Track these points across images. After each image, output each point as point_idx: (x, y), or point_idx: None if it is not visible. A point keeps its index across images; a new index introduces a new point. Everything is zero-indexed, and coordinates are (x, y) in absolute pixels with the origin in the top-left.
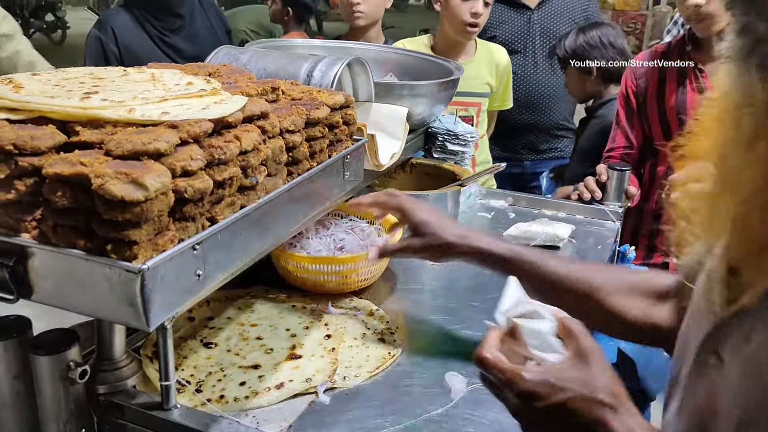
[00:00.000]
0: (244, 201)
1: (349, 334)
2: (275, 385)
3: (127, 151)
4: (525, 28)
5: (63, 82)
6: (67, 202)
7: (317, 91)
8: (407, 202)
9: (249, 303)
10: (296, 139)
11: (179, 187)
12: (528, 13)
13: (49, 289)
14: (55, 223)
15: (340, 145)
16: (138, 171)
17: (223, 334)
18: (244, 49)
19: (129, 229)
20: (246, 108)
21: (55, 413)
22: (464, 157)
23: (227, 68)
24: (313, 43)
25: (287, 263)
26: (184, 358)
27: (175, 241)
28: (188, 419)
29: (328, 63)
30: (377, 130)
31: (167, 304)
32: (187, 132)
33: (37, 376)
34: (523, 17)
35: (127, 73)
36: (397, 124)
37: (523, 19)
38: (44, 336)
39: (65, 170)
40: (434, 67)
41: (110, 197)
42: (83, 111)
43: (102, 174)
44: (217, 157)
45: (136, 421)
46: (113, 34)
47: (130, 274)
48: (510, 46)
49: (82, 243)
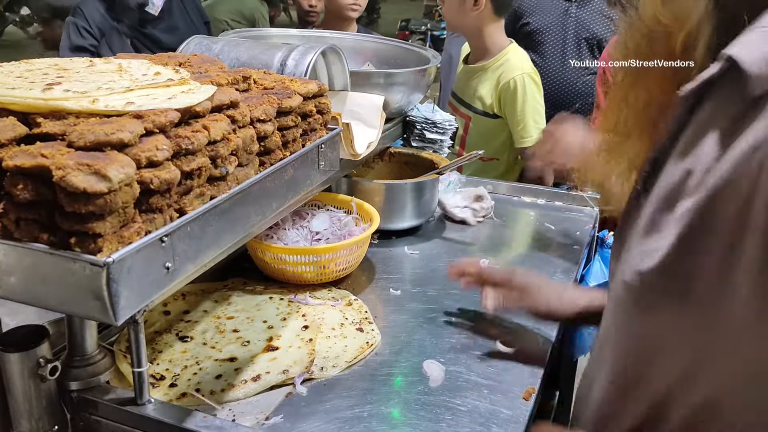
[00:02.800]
0: (215, 192)
1: (327, 325)
2: (252, 378)
3: (89, 142)
4: (560, 20)
5: (26, 74)
6: (29, 195)
7: (290, 80)
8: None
9: (226, 295)
10: (268, 129)
11: (144, 178)
12: (566, 5)
13: (13, 285)
14: (17, 217)
15: (314, 134)
16: (101, 162)
17: (199, 328)
18: (217, 39)
19: (93, 221)
20: (215, 97)
21: (27, 411)
22: (443, 146)
23: (198, 58)
24: (290, 32)
25: (264, 254)
26: (159, 353)
27: (141, 233)
28: (162, 414)
29: (302, 52)
30: (353, 119)
31: (135, 298)
32: (152, 122)
33: (6, 374)
34: (561, 7)
35: (93, 64)
36: (373, 112)
37: (560, 10)
38: (13, 332)
39: (26, 162)
40: (411, 55)
41: (72, 189)
42: (45, 102)
43: (63, 166)
44: (184, 148)
45: (110, 416)
46: (88, 22)
47: (95, 268)
48: (540, 36)
49: (45, 237)
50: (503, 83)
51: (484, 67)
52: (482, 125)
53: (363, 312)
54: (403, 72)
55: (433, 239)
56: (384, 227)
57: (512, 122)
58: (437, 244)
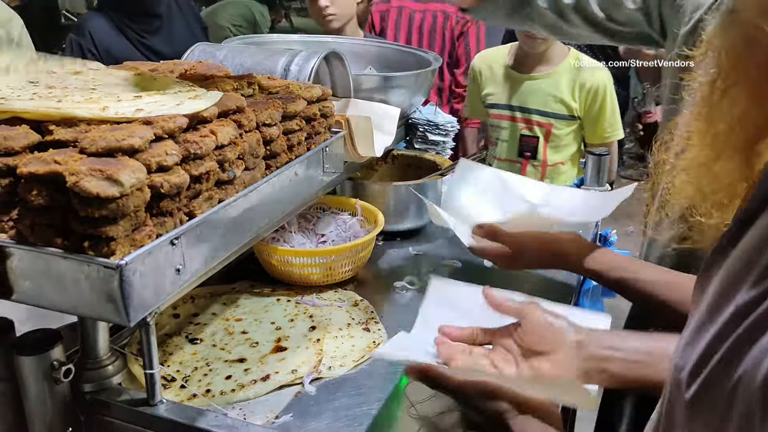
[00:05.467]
0: (223, 195)
1: (334, 325)
2: (261, 378)
3: (101, 148)
4: None
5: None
6: (43, 200)
7: (294, 85)
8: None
9: (234, 298)
10: (273, 132)
11: (155, 182)
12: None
13: (28, 289)
14: (32, 222)
15: (318, 137)
16: (113, 167)
17: (208, 330)
18: (221, 46)
19: (106, 225)
20: (221, 103)
21: (41, 413)
22: (445, 147)
23: (203, 65)
24: (291, 38)
25: (271, 257)
26: (170, 355)
27: (152, 236)
28: (175, 414)
29: (305, 57)
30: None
31: (148, 299)
32: (161, 128)
33: (21, 377)
34: None
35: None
36: (389, 121)
37: None
38: (27, 336)
39: (40, 169)
40: (412, 58)
41: (85, 194)
42: (57, 110)
43: (76, 171)
44: (192, 152)
45: (123, 417)
46: (92, 39)
47: (108, 271)
48: None
49: (59, 241)
50: (589, 84)
51: (555, 72)
52: (562, 130)
53: (369, 312)
54: (404, 75)
55: (437, 240)
56: (388, 228)
57: (600, 119)
58: (441, 245)
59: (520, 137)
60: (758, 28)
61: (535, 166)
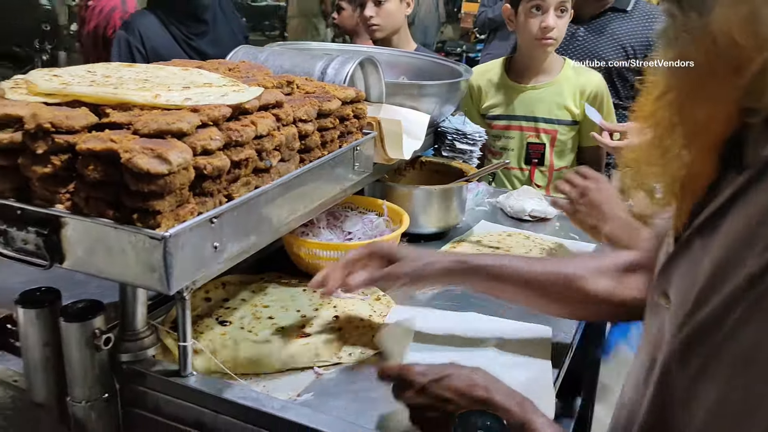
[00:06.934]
0: (259, 182)
1: (357, 316)
2: (285, 359)
3: (152, 130)
4: (567, 44)
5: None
6: (98, 175)
7: (330, 87)
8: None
9: (262, 287)
10: (308, 128)
11: (199, 164)
12: (574, 28)
13: (80, 256)
14: (87, 195)
15: (350, 136)
16: (163, 147)
17: (237, 314)
18: (263, 49)
19: (153, 199)
20: (262, 97)
21: (82, 378)
22: (472, 156)
23: (246, 64)
24: (330, 46)
25: (299, 250)
26: (201, 334)
27: (194, 213)
28: (204, 385)
29: (341, 61)
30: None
31: (187, 271)
32: (207, 115)
33: (65, 343)
34: (568, 31)
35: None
36: (419, 127)
37: (568, 33)
38: (72, 305)
39: (97, 146)
40: (444, 69)
41: (137, 170)
42: (114, 95)
43: (130, 149)
44: (234, 139)
45: (155, 387)
46: (140, 36)
47: (153, 241)
48: None
49: (111, 213)
50: (590, 90)
51: (557, 81)
52: (566, 135)
53: (390, 306)
54: (435, 84)
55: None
56: (412, 231)
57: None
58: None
59: (527, 145)
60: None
61: (542, 172)
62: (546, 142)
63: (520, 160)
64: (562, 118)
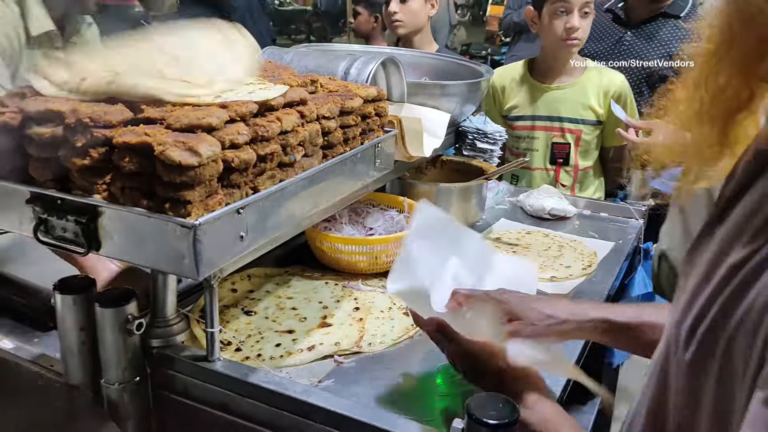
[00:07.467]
0: (283, 176)
1: (377, 308)
2: (307, 348)
3: (184, 125)
4: (613, 47)
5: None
6: (133, 167)
7: (352, 86)
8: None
9: (286, 279)
10: (331, 125)
11: (227, 157)
12: (621, 32)
13: (115, 243)
14: (122, 186)
15: (372, 134)
16: (194, 140)
17: (261, 304)
18: (288, 50)
19: (184, 190)
20: (287, 94)
21: (115, 361)
22: (492, 155)
23: (272, 64)
24: (353, 47)
25: (322, 244)
26: (227, 323)
27: (222, 203)
28: (230, 370)
29: (364, 61)
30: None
31: (215, 258)
32: (235, 111)
33: (100, 327)
34: (615, 34)
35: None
36: (439, 126)
37: (614, 37)
38: (106, 292)
39: (132, 140)
40: (466, 70)
41: (170, 162)
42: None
43: (163, 142)
44: (260, 134)
45: (184, 371)
46: None
47: (184, 229)
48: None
49: (144, 203)
50: (614, 90)
51: (580, 81)
52: (590, 135)
53: None
54: (456, 84)
55: None
56: None
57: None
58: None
59: (552, 145)
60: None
61: (567, 172)
62: (571, 141)
63: (545, 161)
64: (587, 118)
